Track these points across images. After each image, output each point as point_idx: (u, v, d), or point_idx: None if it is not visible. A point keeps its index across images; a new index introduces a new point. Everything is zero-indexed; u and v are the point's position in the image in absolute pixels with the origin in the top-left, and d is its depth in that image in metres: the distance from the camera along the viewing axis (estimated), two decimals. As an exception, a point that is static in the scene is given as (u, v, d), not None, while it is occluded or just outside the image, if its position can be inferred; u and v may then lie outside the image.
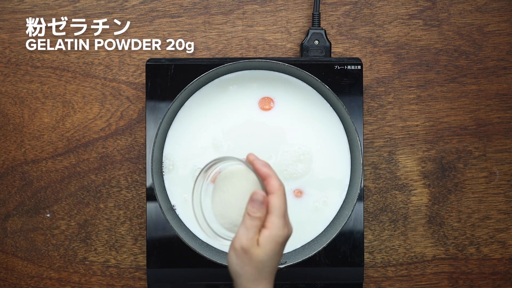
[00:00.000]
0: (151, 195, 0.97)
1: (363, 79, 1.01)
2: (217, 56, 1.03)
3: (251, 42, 1.03)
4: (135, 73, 1.03)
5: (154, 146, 0.93)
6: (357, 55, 1.03)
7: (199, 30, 1.03)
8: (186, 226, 0.97)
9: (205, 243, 0.97)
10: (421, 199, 1.03)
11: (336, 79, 0.98)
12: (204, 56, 1.03)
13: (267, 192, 0.80)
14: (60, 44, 1.03)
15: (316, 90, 0.98)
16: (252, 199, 0.79)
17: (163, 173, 0.97)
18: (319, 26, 1.01)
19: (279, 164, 0.97)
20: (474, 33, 1.03)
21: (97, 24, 1.03)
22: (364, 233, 1.01)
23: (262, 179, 0.81)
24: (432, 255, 1.03)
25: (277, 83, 0.98)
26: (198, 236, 0.97)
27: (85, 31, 1.03)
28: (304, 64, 0.97)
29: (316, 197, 0.97)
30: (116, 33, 1.03)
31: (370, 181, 1.03)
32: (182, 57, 1.03)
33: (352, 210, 0.94)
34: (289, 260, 0.95)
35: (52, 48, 1.03)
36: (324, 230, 0.98)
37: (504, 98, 1.04)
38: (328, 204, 0.98)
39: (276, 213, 0.79)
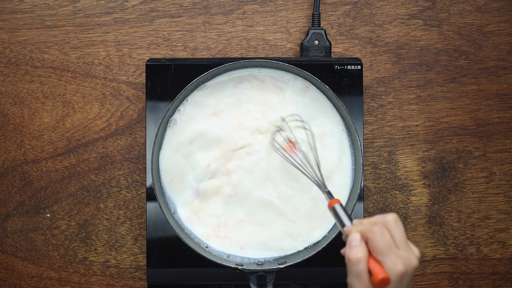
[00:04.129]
0: (151, 195, 0.97)
1: (363, 79, 1.01)
2: (217, 56, 1.03)
3: (251, 42, 1.03)
4: (135, 73, 1.03)
5: (154, 146, 0.93)
6: (357, 55, 1.03)
7: (199, 30, 1.03)
8: (185, 226, 0.97)
9: (205, 243, 0.97)
10: (421, 199, 1.03)
11: (336, 79, 0.98)
12: (204, 56, 1.03)
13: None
14: (60, 44, 1.03)
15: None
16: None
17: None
18: (319, 26, 1.01)
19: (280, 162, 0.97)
20: (474, 33, 1.03)
21: (97, 24, 1.03)
22: (364, 233, 1.01)
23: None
24: (432, 255, 1.03)
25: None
26: (197, 236, 0.97)
27: (85, 31, 1.03)
28: (304, 64, 0.97)
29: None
30: (116, 33, 1.03)
31: (370, 181, 1.03)
32: (182, 57, 1.03)
33: (352, 210, 0.94)
34: (289, 260, 0.95)
35: (52, 48, 1.03)
36: (324, 230, 0.98)
37: (504, 98, 1.04)
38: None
39: (375, 252, 0.75)
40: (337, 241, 0.98)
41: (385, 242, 0.75)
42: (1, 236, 1.03)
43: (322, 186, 0.87)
